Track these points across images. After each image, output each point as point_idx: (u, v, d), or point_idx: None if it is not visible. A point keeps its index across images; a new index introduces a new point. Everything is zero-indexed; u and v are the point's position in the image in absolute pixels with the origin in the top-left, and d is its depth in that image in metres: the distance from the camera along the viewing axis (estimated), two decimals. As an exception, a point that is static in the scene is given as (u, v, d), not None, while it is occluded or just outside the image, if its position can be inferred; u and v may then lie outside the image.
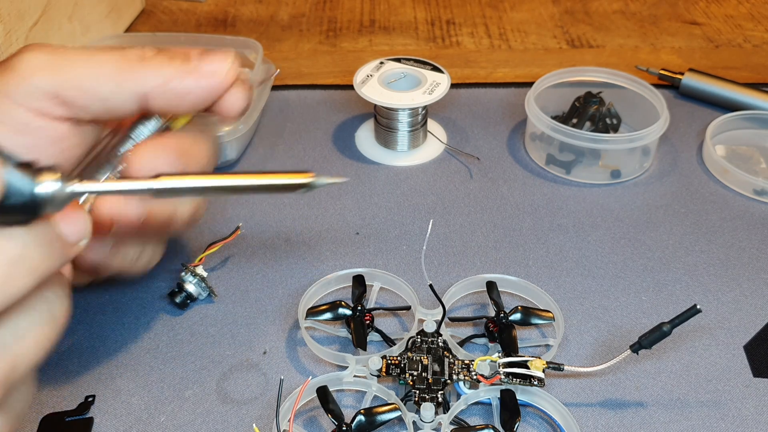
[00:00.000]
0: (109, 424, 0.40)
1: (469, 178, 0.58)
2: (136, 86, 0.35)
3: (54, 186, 0.25)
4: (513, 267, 0.50)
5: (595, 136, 0.55)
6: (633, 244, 0.51)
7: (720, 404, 0.41)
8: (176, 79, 0.35)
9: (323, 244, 0.51)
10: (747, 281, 0.49)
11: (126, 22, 0.77)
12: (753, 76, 0.70)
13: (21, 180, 0.24)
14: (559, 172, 0.58)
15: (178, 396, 0.41)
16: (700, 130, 0.63)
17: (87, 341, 0.44)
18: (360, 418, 0.37)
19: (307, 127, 0.63)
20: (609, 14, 0.82)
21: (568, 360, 0.43)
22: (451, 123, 0.64)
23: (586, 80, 0.62)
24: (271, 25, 0.79)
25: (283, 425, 0.37)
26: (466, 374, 0.40)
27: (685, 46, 0.76)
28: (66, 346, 0.44)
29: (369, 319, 0.44)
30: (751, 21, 0.80)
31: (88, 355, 0.43)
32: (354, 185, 0.57)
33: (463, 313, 0.47)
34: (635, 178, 0.58)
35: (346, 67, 0.71)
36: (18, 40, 0.56)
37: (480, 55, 0.74)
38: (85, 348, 0.44)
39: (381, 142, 0.60)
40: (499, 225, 0.53)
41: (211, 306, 0.47)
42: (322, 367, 0.43)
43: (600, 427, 0.40)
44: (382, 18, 0.81)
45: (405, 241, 0.52)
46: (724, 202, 0.55)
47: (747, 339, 0.45)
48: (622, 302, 0.47)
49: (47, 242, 0.26)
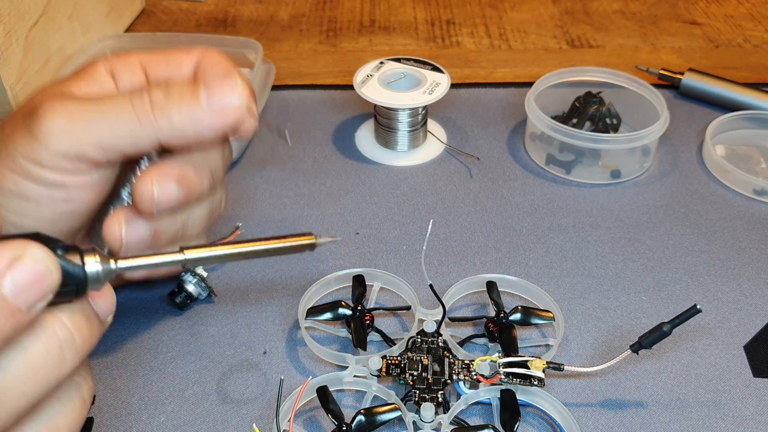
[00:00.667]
0: (109, 424, 0.40)
1: (469, 178, 0.58)
2: (152, 136, 0.36)
3: (98, 266, 0.27)
4: (513, 267, 0.50)
5: (595, 136, 0.55)
6: (633, 244, 0.51)
7: (720, 404, 0.41)
8: (189, 124, 0.36)
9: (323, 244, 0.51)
10: (747, 281, 0.49)
11: (126, 22, 0.77)
12: (753, 76, 0.70)
13: (72, 266, 0.26)
14: (559, 172, 0.58)
15: (178, 396, 0.41)
16: (700, 130, 0.63)
17: (87, 341, 0.44)
18: (360, 418, 0.37)
19: (307, 127, 0.63)
20: (609, 14, 0.82)
21: (568, 360, 0.43)
22: (451, 123, 0.64)
23: (586, 80, 0.62)
24: (271, 25, 0.79)
25: (283, 425, 0.37)
26: (466, 374, 0.40)
27: (685, 46, 0.76)
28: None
29: (369, 319, 0.44)
30: (751, 21, 0.80)
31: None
32: (354, 185, 0.57)
33: (463, 313, 0.47)
34: (635, 178, 0.58)
35: (346, 67, 0.71)
36: (18, 40, 0.56)
37: (480, 55, 0.74)
38: (85, 348, 0.44)
39: (381, 142, 0.60)
40: (499, 225, 0.53)
41: (211, 306, 0.47)
42: (322, 367, 0.43)
43: (600, 427, 0.40)
44: (382, 18, 0.81)
45: (405, 241, 0.52)
46: (724, 202, 0.55)
47: (747, 339, 0.45)
48: (622, 302, 0.47)
49: (89, 321, 0.28)
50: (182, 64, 0.41)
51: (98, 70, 0.40)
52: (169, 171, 0.36)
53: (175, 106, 0.35)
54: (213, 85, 0.36)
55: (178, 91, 0.36)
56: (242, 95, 0.37)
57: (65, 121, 0.35)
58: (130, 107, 0.35)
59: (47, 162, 0.35)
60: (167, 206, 0.36)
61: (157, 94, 0.36)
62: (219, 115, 0.36)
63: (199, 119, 0.36)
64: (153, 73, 0.41)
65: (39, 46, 0.59)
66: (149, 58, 0.41)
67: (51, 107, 0.35)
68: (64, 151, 0.35)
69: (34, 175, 0.36)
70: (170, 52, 0.41)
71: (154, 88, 0.36)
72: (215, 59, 0.40)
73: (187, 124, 0.36)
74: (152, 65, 0.41)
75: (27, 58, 0.58)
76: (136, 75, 0.41)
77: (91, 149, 0.35)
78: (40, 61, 0.59)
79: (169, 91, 0.36)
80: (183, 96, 0.36)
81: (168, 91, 0.36)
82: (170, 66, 0.41)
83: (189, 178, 0.37)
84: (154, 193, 0.36)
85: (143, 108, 0.35)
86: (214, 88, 0.36)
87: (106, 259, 0.27)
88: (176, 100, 0.36)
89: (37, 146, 0.35)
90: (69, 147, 0.35)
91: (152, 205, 0.36)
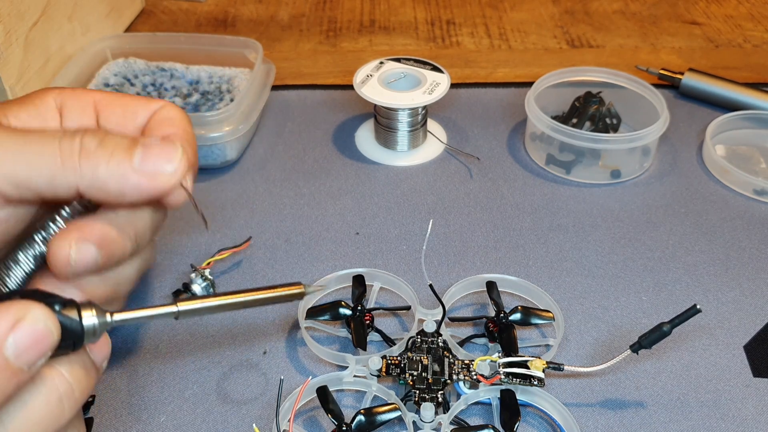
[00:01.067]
0: (109, 424, 0.40)
1: (469, 178, 0.58)
2: (72, 182, 0.33)
3: (94, 320, 0.28)
4: (513, 267, 0.50)
5: (595, 136, 0.55)
6: (633, 244, 0.51)
7: (720, 404, 0.41)
8: (114, 179, 0.33)
9: (323, 244, 0.51)
10: (747, 281, 0.49)
11: (126, 22, 0.77)
12: (753, 76, 0.70)
13: (69, 320, 0.27)
14: (559, 172, 0.58)
15: (178, 396, 0.41)
16: (700, 130, 0.63)
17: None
18: (360, 418, 0.37)
19: (307, 127, 0.63)
20: (609, 14, 0.82)
21: (568, 360, 0.43)
22: (451, 123, 0.64)
23: (586, 80, 0.62)
24: (271, 25, 0.79)
25: (283, 425, 0.37)
26: (466, 374, 0.40)
27: (685, 46, 0.76)
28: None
29: (369, 319, 0.44)
30: (751, 21, 0.80)
31: (88, 355, 0.43)
32: (354, 185, 0.57)
33: (463, 313, 0.47)
34: (635, 178, 0.58)
35: (346, 67, 0.71)
36: (18, 40, 0.56)
37: (480, 55, 0.74)
38: (85, 348, 0.44)
39: (381, 142, 0.60)
40: (499, 225, 0.53)
41: (211, 306, 0.47)
42: (322, 367, 0.43)
43: (600, 427, 0.40)
44: (382, 18, 0.81)
45: (405, 241, 0.52)
46: (724, 202, 0.55)
47: (747, 339, 0.45)
48: (622, 302, 0.47)
49: (87, 371, 0.28)
50: (138, 114, 0.38)
51: (46, 101, 0.37)
52: (89, 232, 0.33)
53: (104, 157, 0.33)
54: (151, 147, 0.34)
55: (113, 142, 0.33)
56: (178, 167, 0.34)
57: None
58: (57, 146, 0.33)
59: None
60: (84, 270, 0.33)
61: (90, 140, 0.33)
62: (148, 178, 0.33)
63: (125, 177, 0.33)
64: (105, 116, 0.38)
65: (39, 46, 0.59)
66: (106, 100, 0.38)
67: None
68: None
69: None
70: (129, 99, 0.39)
71: (90, 134, 0.33)
72: (172, 117, 0.38)
73: (111, 179, 0.33)
74: (106, 108, 0.38)
75: (27, 58, 0.58)
76: (86, 115, 0.38)
77: (4, 182, 0.32)
78: (40, 61, 0.59)
79: (103, 140, 0.33)
80: (117, 149, 0.33)
81: (103, 140, 0.33)
82: (125, 113, 0.38)
83: (110, 241, 0.34)
84: (71, 256, 0.32)
85: (70, 150, 0.33)
86: (151, 150, 0.34)
87: (102, 313, 0.28)
88: (108, 151, 0.33)
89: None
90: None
91: (68, 269, 0.33)
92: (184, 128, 0.38)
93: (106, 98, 0.39)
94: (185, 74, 0.64)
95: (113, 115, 0.38)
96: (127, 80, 0.63)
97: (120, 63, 0.65)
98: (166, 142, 0.34)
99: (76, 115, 0.38)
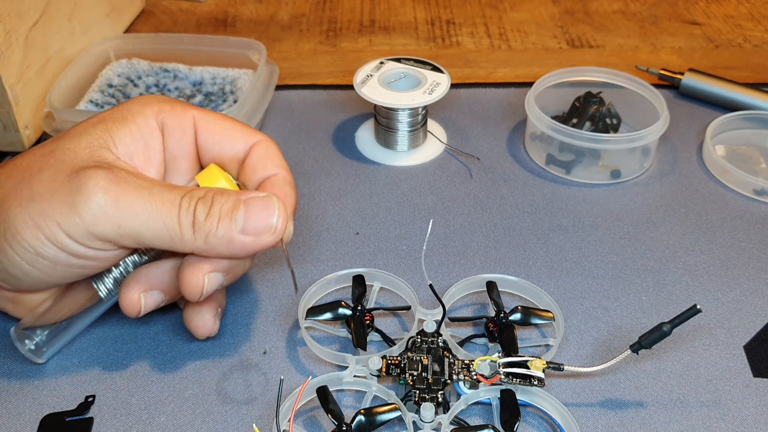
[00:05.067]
0: (109, 424, 0.40)
1: (469, 178, 0.58)
2: (187, 249, 0.37)
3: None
4: (513, 267, 0.50)
5: (595, 136, 0.55)
6: (633, 244, 0.51)
7: (720, 404, 0.41)
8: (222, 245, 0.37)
9: (323, 244, 0.51)
10: (747, 281, 0.49)
11: (126, 22, 0.77)
12: (753, 76, 0.70)
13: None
14: (559, 172, 0.58)
15: (178, 396, 0.41)
16: (700, 130, 0.63)
17: (87, 341, 0.44)
18: (360, 418, 0.37)
19: (307, 127, 0.63)
20: (609, 14, 0.82)
21: (568, 360, 0.43)
22: (451, 123, 0.64)
23: (586, 80, 0.62)
24: (271, 25, 0.79)
25: (283, 425, 0.37)
26: (466, 374, 0.40)
27: (685, 46, 0.76)
28: (66, 346, 0.44)
29: (369, 319, 0.44)
30: (751, 21, 0.80)
31: (88, 355, 0.43)
32: (354, 185, 0.57)
33: (463, 313, 0.47)
34: (635, 178, 0.58)
35: (346, 67, 0.71)
36: (18, 40, 0.56)
37: (480, 55, 0.74)
38: (85, 348, 0.44)
39: (381, 142, 0.60)
40: (499, 225, 0.53)
41: (211, 306, 0.47)
42: (322, 367, 0.43)
43: (600, 427, 0.40)
44: (382, 18, 0.81)
45: (405, 241, 0.52)
46: (724, 202, 0.55)
47: (747, 339, 0.45)
48: (622, 302, 0.47)
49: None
50: (236, 143, 0.41)
51: (148, 120, 0.40)
52: (219, 263, 0.38)
53: (213, 227, 0.37)
54: (252, 208, 0.37)
55: (217, 210, 0.37)
56: (280, 224, 0.38)
57: (111, 208, 0.35)
58: (176, 218, 0.36)
59: (80, 237, 0.36)
60: (212, 291, 0.39)
61: (201, 211, 0.37)
62: (252, 238, 0.37)
63: (232, 241, 0.37)
64: (203, 138, 0.41)
65: (39, 46, 0.59)
66: (204, 119, 0.41)
67: (99, 186, 0.35)
68: (100, 233, 0.36)
69: (61, 243, 0.36)
70: (228, 124, 0.42)
71: (200, 204, 0.37)
72: (272, 155, 0.41)
73: (220, 245, 0.37)
74: (205, 131, 0.41)
75: (27, 58, 0.58)
76: (186, 137, 0.41)
77: (128, 240, 0.36)
78: (40, 61, 0.59)
79: (211, 210, 0.37)
80: (223, 216, 0.37)
81: (210, 210, 0.37)
82: (223, 140, 0.41)
83: (234, 268, 0.39)
84: (204, 284, 0.38)
85: (188, 223, 0.36)
86: (253, 211, 0.37)
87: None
88: (215, 219, 0.37)
89: (76, 221, 0.35)
90: (107, 231, 0.36)
91: (200, 295, 0.38)
92: (284, 167, 0.42)
93: (204, 117, 0.42)
94: (188, 75, 0.64)
95: (212, 139, 0.42)
96: (130, 81, 0.63)
97: (123, 64, 0.65)
98: (266, 200, 0.38)
99: (177, 137, 0.41)
